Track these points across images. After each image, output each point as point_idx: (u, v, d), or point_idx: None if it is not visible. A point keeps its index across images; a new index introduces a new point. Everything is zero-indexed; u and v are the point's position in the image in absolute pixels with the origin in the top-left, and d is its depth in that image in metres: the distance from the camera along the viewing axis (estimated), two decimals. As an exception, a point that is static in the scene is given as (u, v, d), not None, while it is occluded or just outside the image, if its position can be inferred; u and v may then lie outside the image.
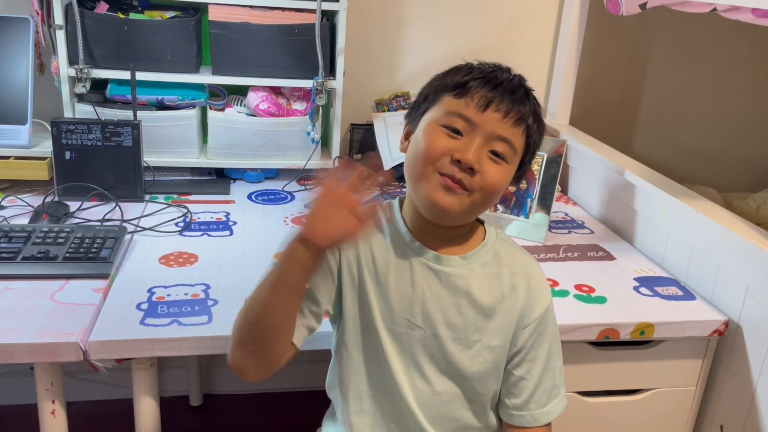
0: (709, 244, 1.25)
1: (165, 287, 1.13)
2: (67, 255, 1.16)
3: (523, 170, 0.89)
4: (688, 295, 1.25)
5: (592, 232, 1.55)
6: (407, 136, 0.90)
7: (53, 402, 1.02)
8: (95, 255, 1.17)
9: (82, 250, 1.18)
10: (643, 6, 1.51)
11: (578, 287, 1.26)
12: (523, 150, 0.86)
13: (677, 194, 1.35)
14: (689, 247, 1.31)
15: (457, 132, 0.82)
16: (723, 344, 1.22)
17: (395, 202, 0.94)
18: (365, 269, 0.89)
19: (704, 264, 1.27)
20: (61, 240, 1.20)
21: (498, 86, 0.82)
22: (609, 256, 1.41)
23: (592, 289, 1.25)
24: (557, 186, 1.49)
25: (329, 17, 1.66)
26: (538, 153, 1.45)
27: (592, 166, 1.66)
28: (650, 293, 1.25)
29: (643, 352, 1.21)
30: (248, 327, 0.81)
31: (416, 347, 0.89)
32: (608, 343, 1.18)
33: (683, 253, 1.33)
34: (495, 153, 0.83)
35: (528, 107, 0.84)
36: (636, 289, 1.27)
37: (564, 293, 1.23)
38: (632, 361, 1.21)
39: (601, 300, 1.21)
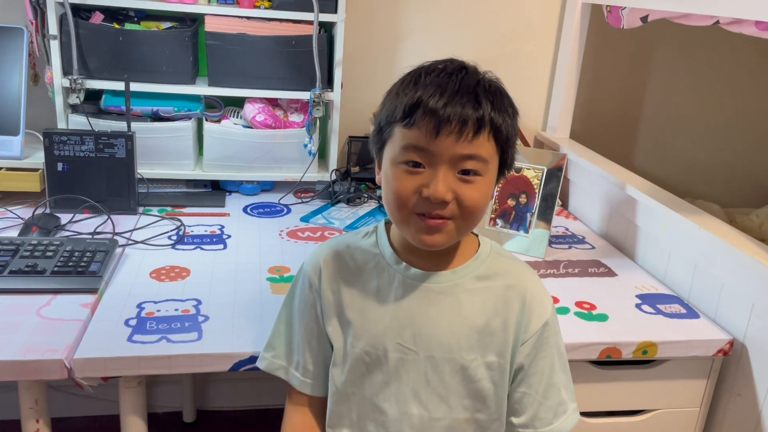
0: (712, 260, 1.23)
1: (155, 302, 1.11)
2: (56, 269, 1.13)
3: (506, 164, 0.83)
4: (691, 314, 1.22)
5: (593, 248, 1.52)
6: (379, 166, 0.85)
7: (37, 421, 1.00)
8: (84, 269, 1.14)
9: (71, 263, 1.15)
10: (644, 19, 1.50)
11: (579, 304, 1.23)
12: (497, 149, 0.80)
13: (679, 209, 1.32)
14: (692, 264, 1.28)
15: (419, 165, 0.78)
16: (727, 364, 1.19)
17: (381, 226, 0.91)
18: (346, 302, 0.87)
19: (708, 281, 1.24)
20: (49, 253, 1.17)
21: (446, 105, 0.76)
22: (610, 273, 1.38)
23: (593, 307, 1.22)
24: (557, 200, 1.46)
25: (327, 29, 1.64)
26: (537, 167, 1.46)
27: (593, 181, 1.64)
28: (653, 311, 1.22)
29: (645, 371, 1.18)
30: None
31: (410, 372, 0.85)
32: (610, 362, 1.15)
33: (686, 269, 1.30)
34: (465, 172, 0.78)
35: (485, 106, 0.76)
36: (638, 306, 1.24)
37: (564, 310, 1.20)
38: (634, 381, 1.18)
39: (603, 318, 1.19)
